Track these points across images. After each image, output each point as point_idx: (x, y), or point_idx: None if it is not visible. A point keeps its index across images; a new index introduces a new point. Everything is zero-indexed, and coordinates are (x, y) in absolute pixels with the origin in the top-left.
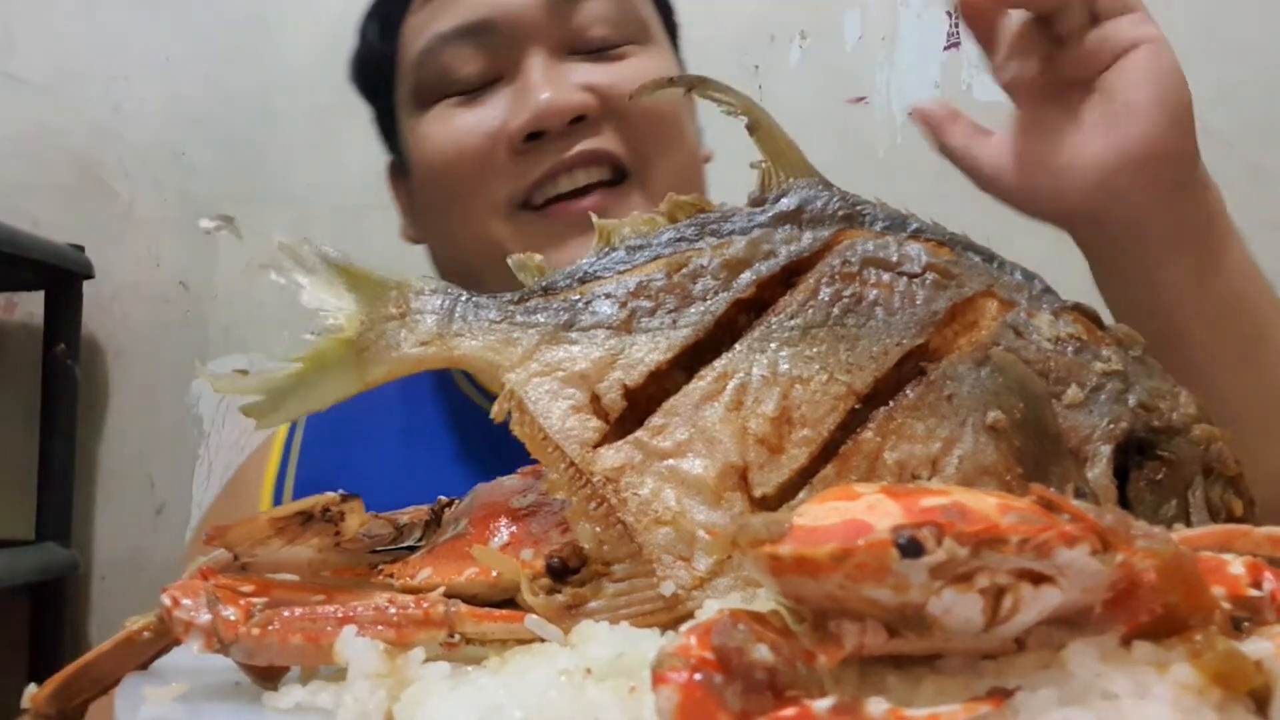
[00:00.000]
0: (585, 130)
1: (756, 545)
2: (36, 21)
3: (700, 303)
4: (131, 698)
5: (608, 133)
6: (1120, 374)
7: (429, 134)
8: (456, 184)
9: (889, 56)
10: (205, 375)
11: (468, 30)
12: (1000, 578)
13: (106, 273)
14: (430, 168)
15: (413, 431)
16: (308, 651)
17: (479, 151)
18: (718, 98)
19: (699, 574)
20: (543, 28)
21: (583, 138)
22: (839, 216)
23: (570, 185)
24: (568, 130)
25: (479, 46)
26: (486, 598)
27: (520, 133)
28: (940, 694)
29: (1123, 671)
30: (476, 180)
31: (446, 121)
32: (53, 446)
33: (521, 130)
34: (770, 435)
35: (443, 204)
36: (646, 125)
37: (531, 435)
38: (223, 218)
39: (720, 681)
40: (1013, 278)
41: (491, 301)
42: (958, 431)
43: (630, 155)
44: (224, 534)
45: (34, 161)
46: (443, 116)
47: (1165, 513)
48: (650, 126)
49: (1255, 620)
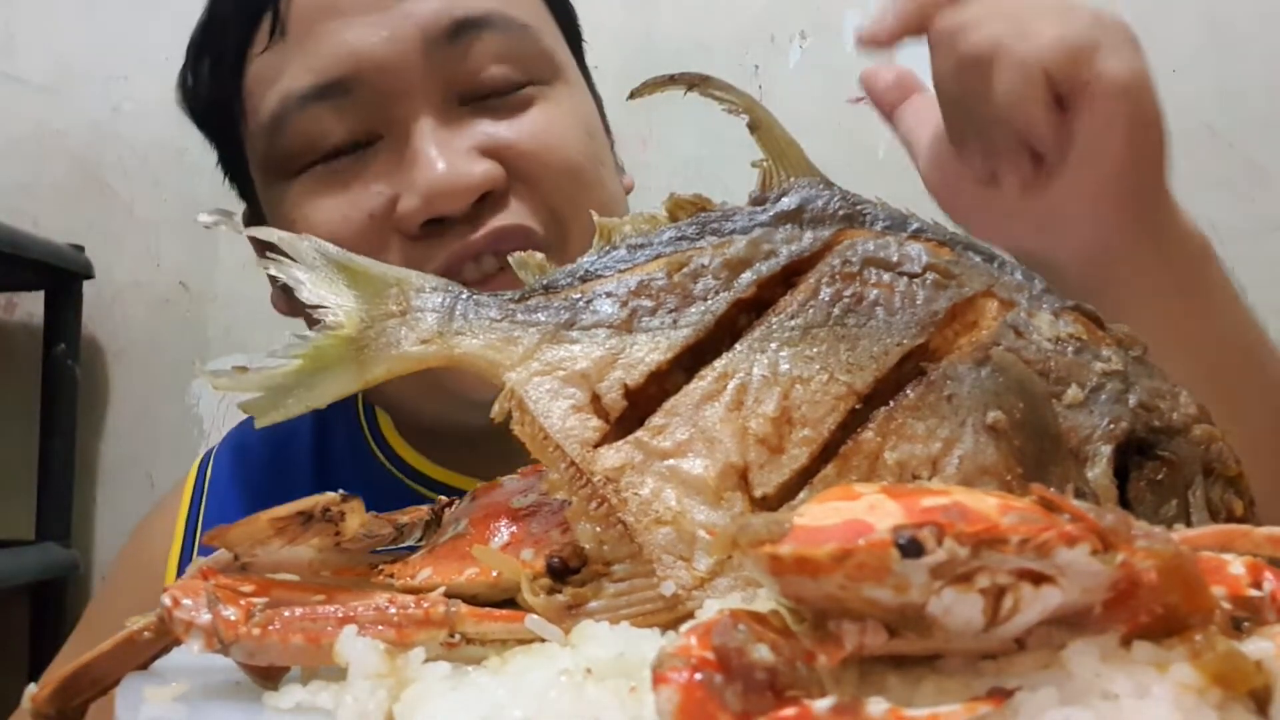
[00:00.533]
0: (492, 204)
1: (757, 545)
2: (36, 21)
3: (701, 302)
4: (132, 698)
5: (516, 203)
6: (1120, 374)
7: (297, 219)
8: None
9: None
10: (204, 373)
11: (328, 89)
12: (1001, 578)
13: (106, 273)
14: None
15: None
16: (308, 651)
17: (362, 241)
18: (719, 96)
19: (699, 574)
20: (423, 78)
21: (490, 214)
22: (840, 216)
23: (478, 273)
24: (471, 209)
25: (345, 108)
26: (487, 598)
27: (415, 219)
28: (940, 694)
29: (1123, 671)
30: None
31: (316, 201)
32: (53, 446)
33: (416, 216)
34: (771, 435)
35: None
36: (561, 186)
37: (532, 434)
38: (221, 212)
39: (720, 682)
40: (1013, 277)
41: (493, 300)
42: (958, 431)
43: (545, 223)
44: (224, 534)
45: (34, 161)
46: (311, 193)
47: (1165, 513)
48: (565, 186)
49: (1255, 620)
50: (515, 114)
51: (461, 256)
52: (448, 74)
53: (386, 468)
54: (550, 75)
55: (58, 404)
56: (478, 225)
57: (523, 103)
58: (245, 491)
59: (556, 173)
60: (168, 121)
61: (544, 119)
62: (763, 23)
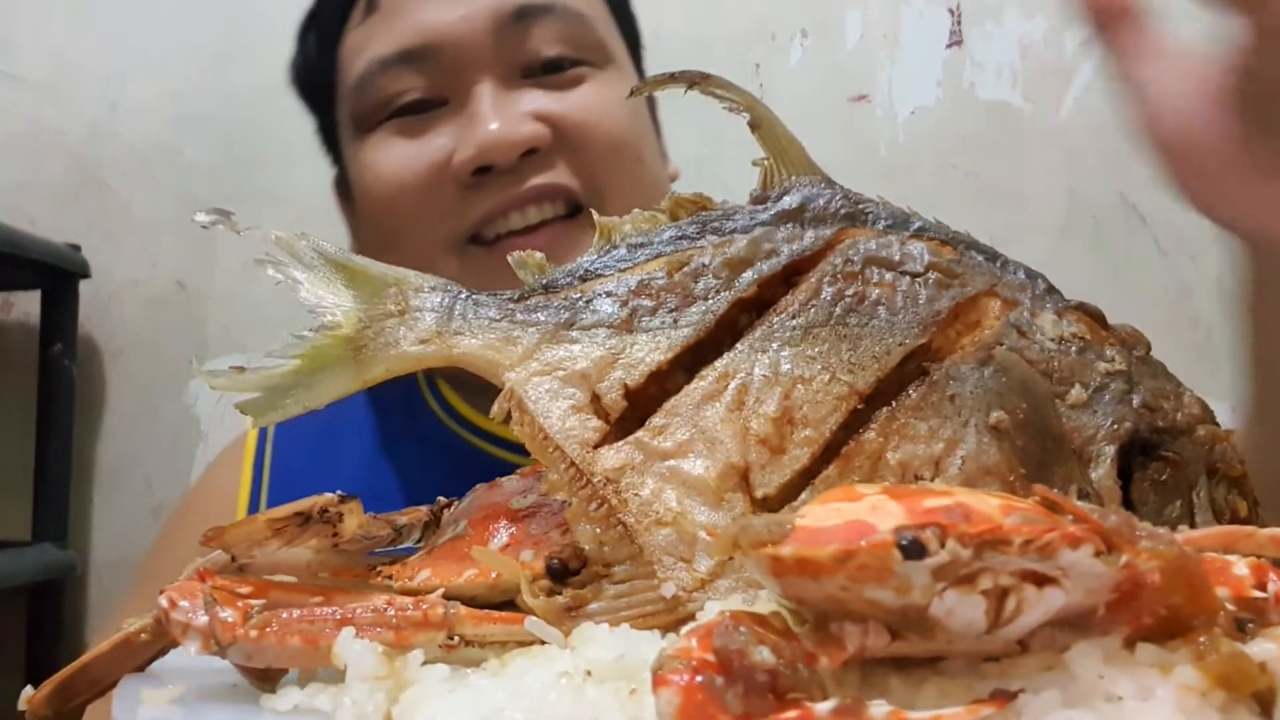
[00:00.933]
0: (537, 163)
1: (758, 546)
2: (34, 20)
3: (701, 302)
4: (129, 699)
5: (561, 165)
6: (1124, 374)
7: (370, 163)
8: (400, 217)
9: (890, 55)
10: (201, 373)
11: (408, 55)
12: (1003, 579)
13: (103, 272)
14: (373, 198)
15: (381, 451)
16: (306, 653)
17: (424, 185)
18: (720, 94)
19: (700, 575)
20: (490, 52)
21: (535, 172)
22: (841, 215)
23: (522, 222)
24: (518, 164)
25: (421, 71)
26: (486, 599)
27: (467, 167)
28: (943, 696)
29: (1126, 673)
30: (422, 215)
31: (388, 150)
32: (49, 447)
33: (469, 164)
34: (772, 435)
35: (387, 235)
36: (602, 155)
37: (532, 435)
38: (219, 212)
39: (721, 684)
40: (1016, 277)
41: (492, 299)
42: (960, 432)
43: (585, 188)
44: (222, 535)
45: (31, 160)
46: (384, 144)
47: (1169, 513)
48: (606, 156)
49: (1259, 622)
50: (567, 89)
51: (506, 205)
52: (510, 50)
53: (438, 415)
54: (602, 60)
55: (54, 404)
56: (523, 179)
57: (574, 80)
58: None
59: (598, 143)
60: (165, 121)
61: (592, 95)
62: (764, 21)
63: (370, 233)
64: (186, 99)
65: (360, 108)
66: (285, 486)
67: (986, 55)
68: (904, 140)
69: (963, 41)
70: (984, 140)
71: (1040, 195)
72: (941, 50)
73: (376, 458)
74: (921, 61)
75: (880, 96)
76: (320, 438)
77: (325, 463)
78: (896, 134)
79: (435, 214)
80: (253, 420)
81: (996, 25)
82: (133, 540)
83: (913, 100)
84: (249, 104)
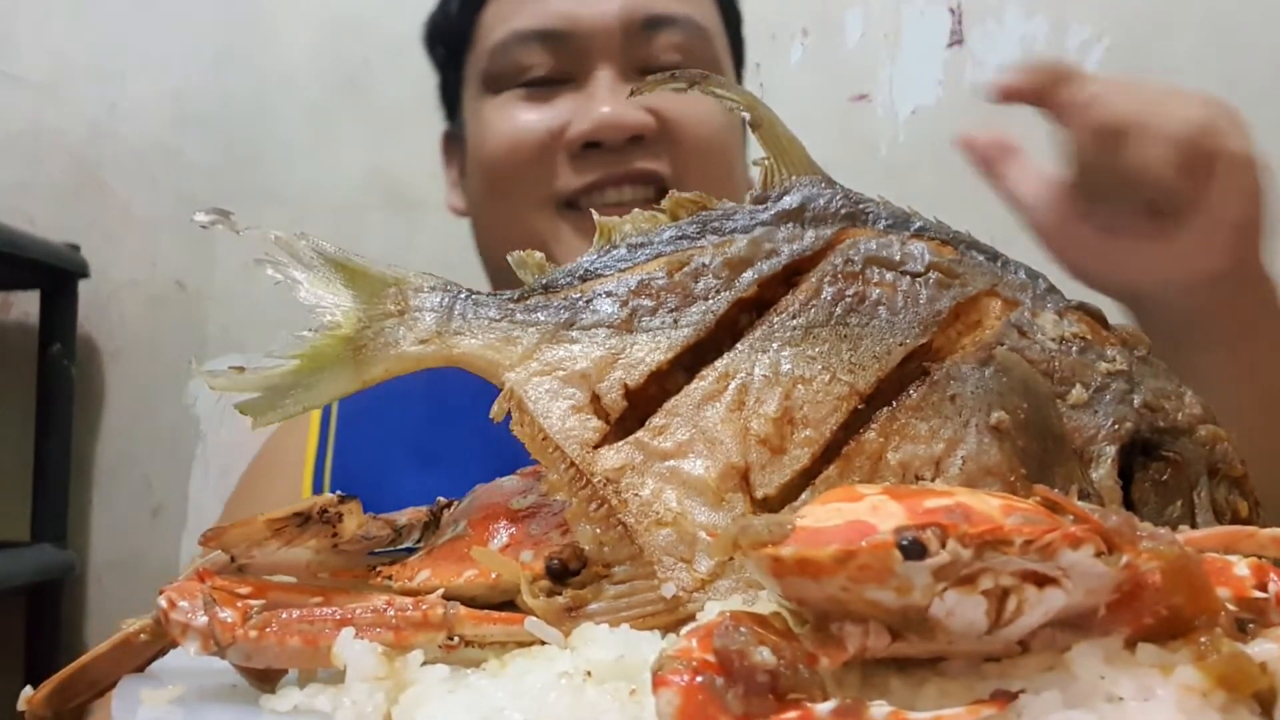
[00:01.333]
0: (641, 149)
1: (758, 547)
2: (33, 20)
3: (702, 302)
4: (128, 700)
5: (661, 156)
6: (1125, 374)
7: (491, 121)
8: (512, 171)
9: (891, 54)
10: (201, 373)
11: (546, 34)
12: (1004, 579)
13: (103, 272)
14: (487, 153)
15: (442, 412)
16: (306, 654)
17: (538, 148)
18: (720, 94)
19: (700, 576)
20: (616, 47)
21: (637, 156)
22: (842, 215)
23: (617, 198)
24: (624, 146)
25: (552, 50)
26: (486, 600)
27: (579, 140)
28: (943, 697)
29: (1127, 674)
30: (529, 174)
31: (510, 113)
32: (48, 447)
33: (581, 138)
34: (772, 436)
35: (493, 188)
36: (698, 154)
37: (531, 435)
38: (218, 211)
39: (721, 684)
40: (1017, 277)
41: (491, 299)
42: (961, 432)
43: (677, 181)
44: (221, 535)
45: (30, 160)
46: (507, 107)
47: (1170, 514)
48: (701, 155)
49: (1260, 622)
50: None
51: (605, 181)
52: (634, 49)
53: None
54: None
55: (53, 404)
56: (625, 161)
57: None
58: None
59: (694, 142)
60: (165, 121)
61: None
62: (764, 20)
63: (478, 180)
64: (186, 99)
65: (493, 70)
66: (350, 447)
67: (987, 54)
68: (905, 140)
69: (964, 41)
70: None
71: None
72: (942, 49)
73: (439, 418)
74: (922, 61)
75: (881, 96)
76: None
77: (388, 424)
78: (897, 133)
79: (543, 175)
80: (253, 421)
81: (997, 24)
82: (131, 540)
83: (913, 100)
84: (249, 104)
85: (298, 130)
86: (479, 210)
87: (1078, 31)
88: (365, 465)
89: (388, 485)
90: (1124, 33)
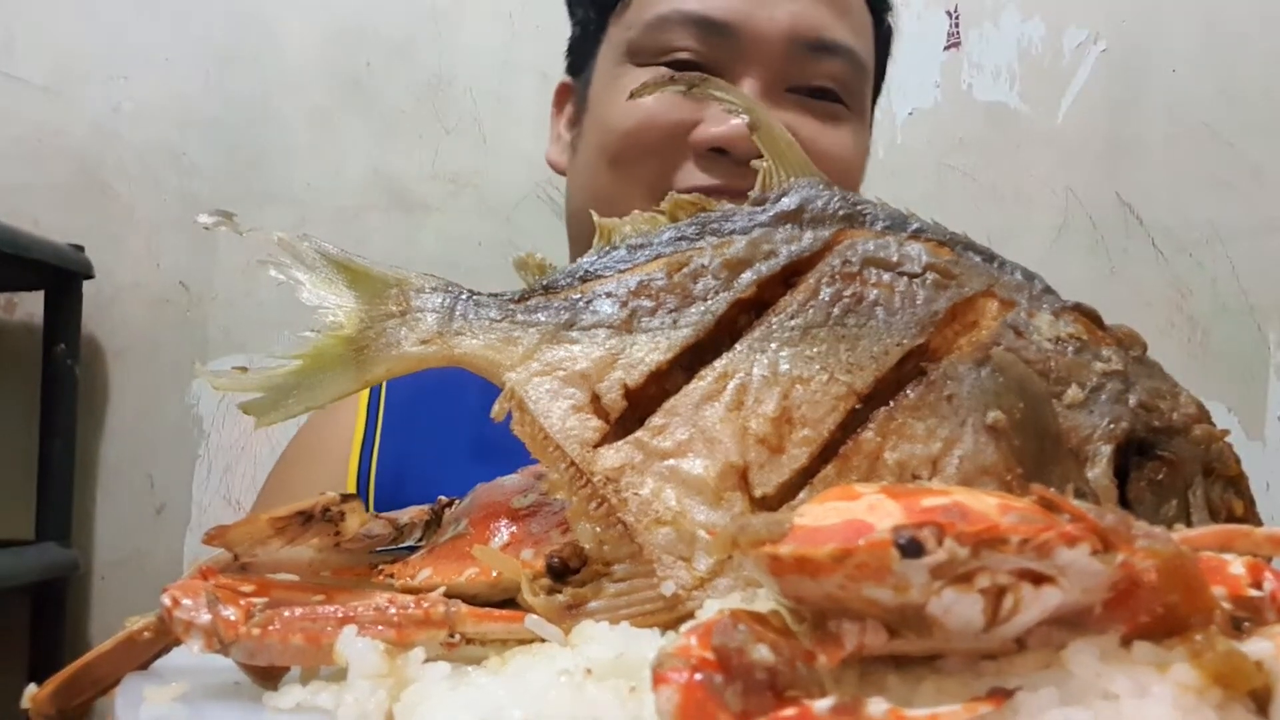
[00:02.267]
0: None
1: (757, 545)
2: (36, 21)
3: (701, 302)
4: (132, 698)
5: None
6: (1120, 374)
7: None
8: (631, 148)
9: None
10: (204, 373)
11: (711, 23)
12: (1001, 578)
13: (106, 273)
14: (615, 121)
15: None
16: (308, 652)
17: (665, 134)
18: (719, 97)
19: (699, 574)
20: (773, 58)
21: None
22: (839, 216)
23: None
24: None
25: (711, 41)
26: (487, 598)
27: (707, 142)
28: (940, 694)
29: (1123, 672)
30: (650, 157)
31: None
32: (53, 447)
33: (709, 140)
34: (771, 435)
35: (610, 155)
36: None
37: (532, 435)
38: (222, 213)
39: (720, 682)
40: (1013, 278)
41: (492, 300)
42: (958, 431)
43: None
44: (224, 534)
45: (35, 162)
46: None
47: (1166, 513)
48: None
49: (1255, 620)
50: (818, 117)
51: (725, 190)
52: (790, 65)
53: None
54: (856, 110)
55: (57, 404)
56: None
57: (829, 114)
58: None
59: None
60: (168, 122)
61: (850, 140)
62: None
63: (595, 146)
64: (190, 101)
65: (641, 41)
66: (401, 435)
67: (984, 57)
68: (902, 141)
69: (961, 43)
70: (982, 141)
71: (1038, 196)
72: (939, 52)
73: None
74: (920, 63)
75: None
76: (437, 386)
77: (442, 413)
78: (895, 135)
79: (661, 163)
80: (256, 421)
81: (994, 27)
82: (135, 539)
83: (911, 101)
84: (252, 106)
85: (300, 132)
86: (584, 173)
87: (1074, 34)
88: (419, 454)
89: (445, 475)
90: (1120, 35)
